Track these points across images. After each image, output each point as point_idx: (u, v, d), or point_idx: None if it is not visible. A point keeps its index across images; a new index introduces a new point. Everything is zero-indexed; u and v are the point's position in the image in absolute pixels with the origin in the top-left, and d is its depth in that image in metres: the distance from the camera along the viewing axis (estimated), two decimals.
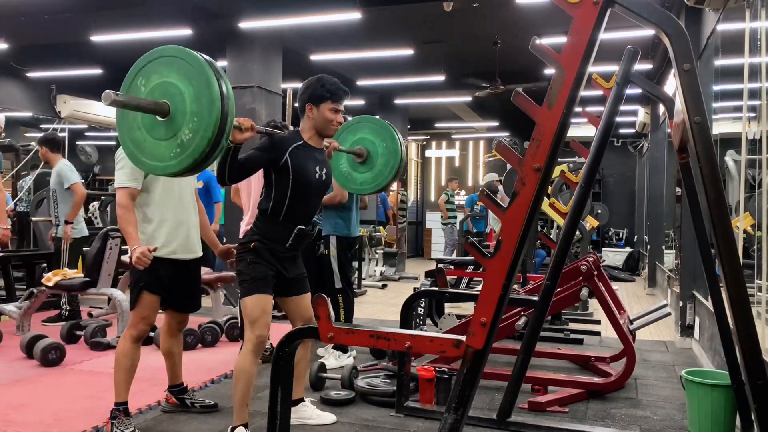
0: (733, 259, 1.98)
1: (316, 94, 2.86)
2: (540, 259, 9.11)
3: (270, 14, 6.61)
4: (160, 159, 2.15)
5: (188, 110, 2.09)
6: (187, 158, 2.10)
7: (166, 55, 2.16)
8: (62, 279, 4.90)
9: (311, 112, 2.87)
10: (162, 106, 2.11)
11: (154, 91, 2.15)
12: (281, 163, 2.77)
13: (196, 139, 2.08)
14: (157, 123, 2.14)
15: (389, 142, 3.60)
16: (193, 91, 2.09)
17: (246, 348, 2.80)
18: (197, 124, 2.07)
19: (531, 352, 3.22)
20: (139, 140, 2.18)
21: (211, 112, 2.06)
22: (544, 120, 1.85)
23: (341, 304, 4.47)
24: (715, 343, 4.08)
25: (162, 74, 2.15)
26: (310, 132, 2.91)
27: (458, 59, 9.17)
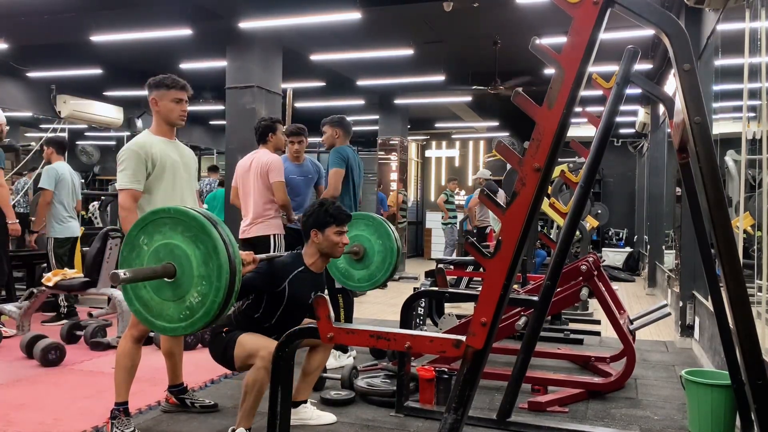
0: (733, 259, 1.98)
1: (320, 220, 2.90)
2: (540, 259, 9.11)
3: (270, 14, 6.61)
4: (169, 320, 2.13)
5: (195, 274, 2.07)
6: (198, 321, 2.09)
7: (169, 216, 2.13)
8: (62, 279, 4.90)
9: (316, 237, 2.92)
10: (168, 269, 2.09)
11: (158, 251, 2.12)
12: (278, 290, 2.83)
13: (206, 303, 2.06)
14: (163, 284, 2.12)
15: (385, 239, 3.66)
16: (200, 254, 2.07)
17: (259, 364, 2.71)
18: (206, 288, 2.06)
19: (531, 352, 3.22)
20: (146, 299, 2.16)
21: (220, 277, 2.04)
22: (544, 120, 1.85)
23: (341, 304, 4.47)
24: (715, 343, 4.08)
25: (165, 235, 2.12)
26: (314, 256, 2.96)
27: (458, 59, 9.17)
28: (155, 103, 3.07)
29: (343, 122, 4.63)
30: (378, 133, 11.67)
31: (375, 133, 11.98)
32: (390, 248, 3.64)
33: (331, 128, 4.59)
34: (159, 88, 3.06)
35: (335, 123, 4.60)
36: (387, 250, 3.64)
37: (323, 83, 9.98)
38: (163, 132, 3.11)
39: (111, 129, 11.41)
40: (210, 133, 14.64)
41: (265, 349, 2.70)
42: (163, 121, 3.10)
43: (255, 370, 2.73)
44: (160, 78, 3.08)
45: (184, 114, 3.13)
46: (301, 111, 10.63)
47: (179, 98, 3.08)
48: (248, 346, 2.76)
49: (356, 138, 13.92)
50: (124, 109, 10.99)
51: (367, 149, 14.81)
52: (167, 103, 3.06)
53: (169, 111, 3.08)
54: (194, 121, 13.35)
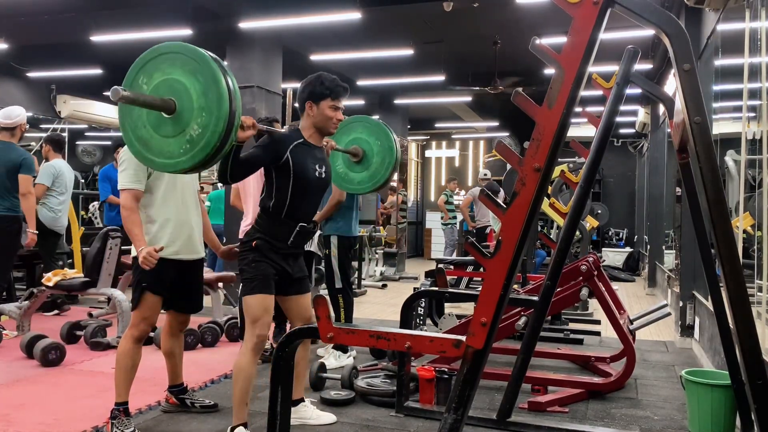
0: (733, 259, 1.98)
1: (316, 92, 2.86)
2: (540, 259, 9.11)
3: (270, 14, 6.62)
4: (169, 156, 2.13)
5: (195, 106, 2.07)
6: (199, 153, 2.09)
7: (168, 52, 2.14)
8: (62, 279, 4.90)
9: (311, 109, 2.88)
10: (168, 103, 2.09)
11: (158, 88, 2.13)
12: (282, 161, 2.77)
13: (207, 134, 2.06)
14: (163, 120, 2.12)
15: (383, 140, 3.62)
16: (200, 86, 2.07)
17: (246, 347, 2.80)
18: (206, 119, 2.06)
19: (531, 352, 3.22)
20: (146, 138, 2.17)
21: (220, 107, 2.05)
22: (544, 120, 1.85)
23: (341, 304, 4.47)
24: (715, 343, 4.08)
25: (165, 71, 2.13)
26: (310, 130, 2.91)
27: (458, 59, 9.17)
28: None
29: None
30: None
31: None
32: (389, 147, 3.60)
33: None
34: None
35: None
36: (386, 150, 3.61)
37: None
38: None
39: (111, 129, 11.41)
40: None
41: (258, 327, 2.74)
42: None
43: (240, 355, 2.78)
44: None
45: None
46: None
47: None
48: (249, 311, 2.78)
49: None
50: None
51: None
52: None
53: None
54: None
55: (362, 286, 8.65)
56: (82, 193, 11.25)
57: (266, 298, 2.79)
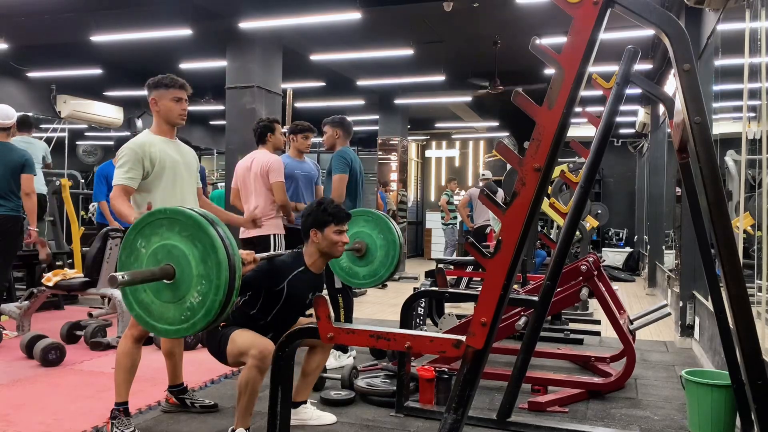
0: (733, 259, 1.98)
1: (319, 220, 2.89)
2: (540, 259, 9.10)
3: (270, 14, 6.62)
4: (170, 323, 2.11)
5: (194, 273, 2.05)
6: (200, 321, 2.07)
7: (165, 217, 2.12)
8: (62, 279, 4.90)
9: (316, 236, 2.91)
10: (167, 270, 2.07)
11: (156, 252, 2.10)
12: (277, 289, 2.83)
13: (207, 302, 2.04)
14: (163, 286, 2.10)
15: (386, 233, 3.64)
16: (198, 253, 2.05)
17: (250, 363, 2.72)
18: (206, 287, 2.04)
19: (531, 352, 3.22)
20: (147, 303, 2.14)
21: (219, 275, 2.02)
22: (544, 120, 1.85)
23: (341, 304, 4.46)
24: (715, 343, 4.08)
25: (162, 236, 2.11)
26: (314, 256, 2.95)
27: (458, 59, 9.17)
28: (155, 103, 3.07)
29: (344, 122, 4.63)
30: (378, 133, 11.67)
31: (375, 133, 11.97)
32: (392, 241, 3.62)
33: (332, 128, 4.59)
34: (158, 88, 3.07)
35: (336, 123, 4.60)
36: (389, 244, 3.62)
37: (323, 83, 9.98)
38: (163, 132, 3.12)
39: (111, 129, 11.41)
40: (210, 133, 14.64)
41: (257, 347, 2.70)
42: (163, 120, 3.10)
43: (247, 370, 2.74)
44: (158, 78, 3.09)
45: (184, 113, 3.13)
46: (301, 111, 10.64)
47: (179, 97, 3.09)
48: (240, 343, 2.76)
49: (356, 138, 13.94)
50: (124, 109, 10.99)
51: (367, 149, 14.82)
52: (167, 103, 3.07)
53: (168, 110, 3.08)
54: (194, 121, 13.35)
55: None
56: (82, 193, 11.25)
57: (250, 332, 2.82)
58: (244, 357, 2.74)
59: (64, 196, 7.03)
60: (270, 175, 4.25)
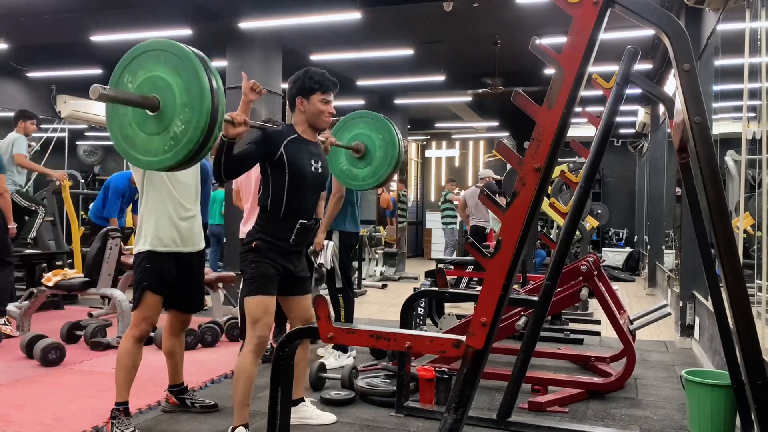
0: (733, 259, 1.98)
1: (305, 87, 2.85)
2: (540, 259, 9.10)
3: (270, 14, 6.61)
4: (153, 154, 2.14)
5: (178, 102, 2.08)
6: (182, 150, 2.09)
7: (152, 50, 2.14)
8: (62, 279, 4.90)
9: (302, 105, 2.87)
10: (151, 100, 2.10)
11: (142, 86, 2.13)
12: (276, 157, 2.76)
13: (189, 130, 2.06)
14: (147, 118, 2.13)
15: (385, 134, 3.61)
16: (182, 82, 2.08)
17: (247, 348, 2.79)
18: (189, 115, 2.06)
19: (531, 352, 3.22)
20: (131, 137, 2.17)
21: (202, 102, 2.05)
22: (544, 120, 1.85)
23: (341, 303, 4.46)
24: (715, 343, 4.08)
25: (149, 69, 2.13)
26: (303, 125, 2.90)
27: (458, 59, 9.17)
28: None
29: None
30: None
31: None
32: (391, 141, 3.58)
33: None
34: None
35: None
36: (388, 144, 3.59)
37: None
38: None
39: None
40: None
41: (260, 328, 2.74)
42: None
43: (242, 356, 2.77)
44: None
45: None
46: None
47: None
48: (250, 311, 2.77)
49: None
50: None
51: None
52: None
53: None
54: None
55: (362, 286, 8.65)
56: (82, 193, 11.25)
57: (266, 299, 2.78)
58: (248, 333, 2.78)
59: (64, 196, 7.03)
60: None
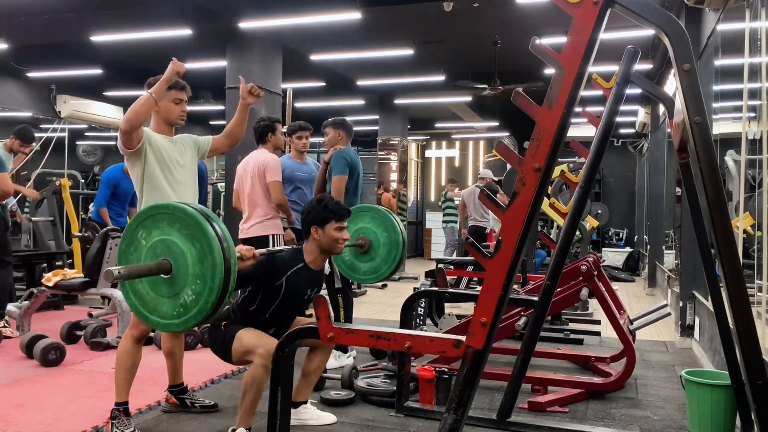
0: (733, 259, 1.98)
1: (320, 217, 2.90)
2: (540, 259, 9.10)
3: (270, 14, 6.61)
4: (162, 316, 2.15)
5: (190, 272, 2.08)
6: (191, 320, 2.11)
7: (167, 213, 2.14)
8: (62, 279, 4.90)
9: (316, 233, 2.91)
10: (164, 265, 2.10)
11: (155, 246, 2.13)
12: (276, 284, 2.84)
13: (200, 302, 2.07)
14: (159, 280, 2.13)
15: (390, 232, 3.65)
16: (196, 253, 2.07)
17: (257, 362, 2.74)
18: (200, 287, 2.07)
19: (531, 352, 3.22)
20: (142, 294, 2.18)
21: (214, 277, 2.05)
22: (544, 120, 1.85)
23: (341, 304, 4.46)
24: (715, 343, 4.08)
25: (163, 231, 2.13)
26: (314, 253, 2.95)
27: (458, 59, 9.17)
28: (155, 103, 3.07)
29: (345, 124, 4.63)
30: (378, 133, 11.66)
31: (375, 133, 11.97)
32: (395, 241, 3.63)
33: (334, 130, 4.58)
34: None
35: (338, 125, 4.59)
36: (392, 243, 3.64)
37: (323, 83, 9.98)
38: (162, 131, 3.12)
39: (111, 129, 11.42)
40: (210, 133, 14.56)
41: (263, 347, 2.71)
42: (162, 121, 3.11)
43: (254, 368, 2.74)
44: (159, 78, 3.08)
45: (183, 114, 3.14)
46: (301, 111, 10.64)
47: (179, 99, 3.09)
48: (246, 342, 2.77)
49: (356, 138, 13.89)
50: (124, 109, 10.93)
51: (367, 149, 14.81)
52: (167, 104, 3.07)
53: (169, 111, 3.08)
54: (194, 121, 13.34)
55: (362, 287, 8.65)
56: (82, 193, 11.25)
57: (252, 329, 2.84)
58: (250, 356, 2.75)
59: (64, 196, 7.04)
60: (266, 175, 4.24)
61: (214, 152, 3.42)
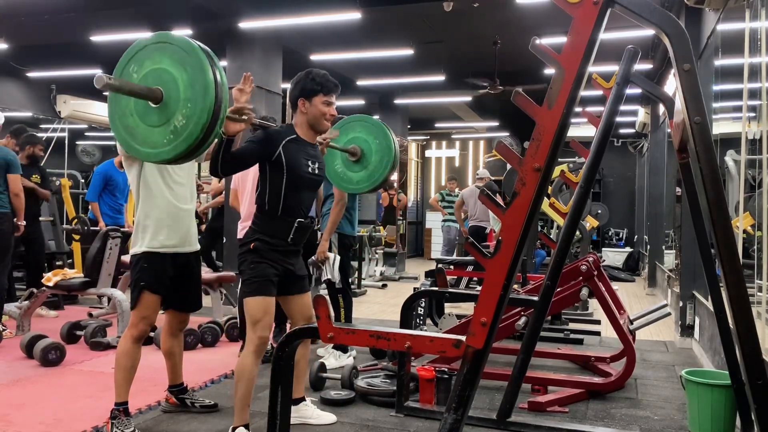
0: (733, 259, 1.98)
1: (307, 88, 2.86)
2: (540, 259, 9.10)
3: (270, 14, 6.62)
4: (153, 146, 2.14)
5: (182, 96, 2.07)
6: (181, 144, 2.09)
7: (159, 42, 2.14)
8: (62, 279, 4.90)
9: (303, 106, 2.87)
10: (155, 92, 2.09)
11: (146, 77, 2.13)
12: (275, 157, 2.77)
13: (190, 125, 2.06)
14: (149, 109, 2.12)
15: (382, 138, 3.64)
16: (186, 77, 2.07)
17: (248, 349, 2.79)
18: (191, 110, 2.06)
19: (531, 352, 3.22)
20: (132, 126, 2.18)
21: (205, 98, 2.05)
22: (544, 120, 1.85)
23: (341, 303, 4.46)
24: (715, 343, 4.08)
25: (155, 60, 2.13)
26: (303, 127, 2.90)
27: (458, 59, 9.17)
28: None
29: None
30: None
31: None
32: (387, 146, 3.63)
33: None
34: None
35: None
36: (384, 149, 3.64)
37: None
38: None
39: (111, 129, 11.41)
40: None
41: (261, 328, 2.74)
42: None
43: (243, 356, 2.77)
44: None
45: None
46: None
47: None
48: (250, 311, 2.77)
49: None
50: None
51: None
52: None
53: None
54: None
55: (362, 286, 8.65)
56: (82, 193, 11.23)
57: (266, 300, 2.79)
58: (249, 331, 2.78)
59: (64, 196, 7.04)
60: None
61: None
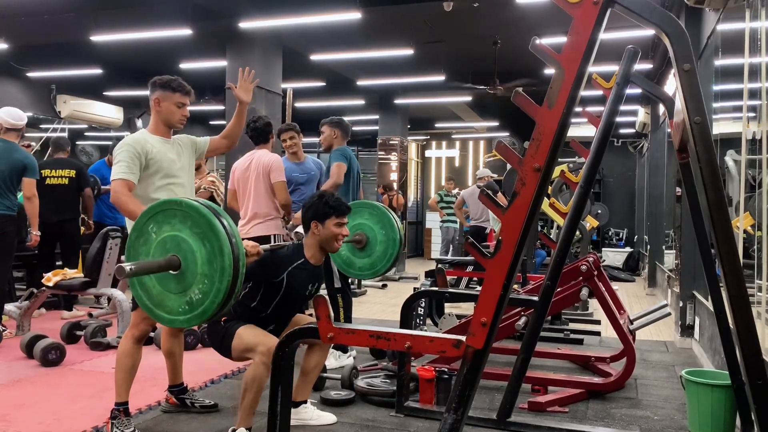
0: (733, 259, 1.98)
1: (321, 212, 2.92)
2: (540, 259, 9.11)
3: (270, 14, 6.61)
4: (168, 311, 2.16)
5: (199, 271, 2.08)
6: (196, 318, 2.12)
7: (179, 209, 2.13)
8: (62, 279, 4.90)
9: (316, 228, 2.93)
10: (173, 262, 2.10)
11: (165, 241, 2.13)
12: (277, 281, 2.86)
13: (206, 301, 2.08)
14: (167, 275, 2.13)
15: (388, 230, 3.69)
16: (205, 253, 2.07)
17: (258, 360, 2.75)
18: (207, 287, 2.07)
19: (531, 352, 3.22)
20: (149, 287, 2.18)
21: (222, 279, 2.05)
22: (544, 120, 1.85)
23: (341, 304, 4.46)
24: (715, 343, 4.08)
25: (174, 227, 2.13)
26: (313, 248, 2.97)
27: (458, 59, 9.17)
28: (158, 103, 3.05)
29: (341, 123, 4.63)
30: (378, 133, 11.66)
31: (375, 133, 11.97)
32: (392, 239, 3.67)
33: (330, 128, 4.59)
34: (164, 89, 3.04)
35: (334, 123, 4.60)
36: (389, 241, 3.68)
37: (323, 83, 9.98)
38: (160, 132, 3.10)
39: (111, 129, 11.42)
40: (210, 133, 14.53)
41: (264, 345, 2.72)
42: (162, 122, 3.09)
43: (254, 366, 2.75)
44: (167, 79, 3.06)
45: (184, 119, 3.12)
46: (301, 111, 10.63)
47: (182, 102, 3.07)
48: (247, 340, 2.78)
49: (356, 138, 13.93)
50: (124, 109, 10.99)
51: (367, 149, 14.80)
52: (170, 106, 3.05)
53: (170, 113, 3.06)
54: (194, 120, 13.35)
55: (362, 286, 8.65)
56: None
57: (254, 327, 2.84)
58: (251, 353, 2.76)
59: None
60: (272, 175, 4.23)
61: (213, 153, 3.41)
